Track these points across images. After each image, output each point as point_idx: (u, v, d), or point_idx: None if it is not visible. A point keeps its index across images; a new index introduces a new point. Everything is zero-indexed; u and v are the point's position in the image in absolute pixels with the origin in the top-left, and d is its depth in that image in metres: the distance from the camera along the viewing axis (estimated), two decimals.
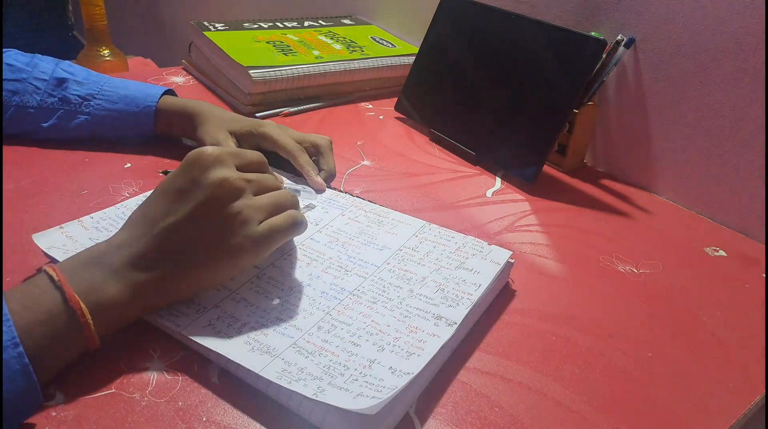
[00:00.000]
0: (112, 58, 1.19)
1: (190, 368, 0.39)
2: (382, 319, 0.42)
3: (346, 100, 0.89)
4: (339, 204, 0.57)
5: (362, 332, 0.41)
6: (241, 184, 0.41)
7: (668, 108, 0.68)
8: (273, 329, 0.40)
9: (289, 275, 0.46)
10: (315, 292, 0.44)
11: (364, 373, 0.37)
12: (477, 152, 0.73)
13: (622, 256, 0.57)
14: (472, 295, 0.44)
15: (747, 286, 0.55)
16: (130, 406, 0.36)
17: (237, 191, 0.40)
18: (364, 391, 0.35)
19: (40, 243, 0.44)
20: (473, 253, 0.49)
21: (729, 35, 0.60)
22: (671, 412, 0.40)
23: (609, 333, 0.47)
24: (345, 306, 0.43)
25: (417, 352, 0.39)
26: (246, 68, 0.79)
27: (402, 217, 0.54)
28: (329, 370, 0.37)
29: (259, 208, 0.41)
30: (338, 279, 0.46)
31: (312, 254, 0.49)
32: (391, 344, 0.40)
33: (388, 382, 0.36)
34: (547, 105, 0.68)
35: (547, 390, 0.41)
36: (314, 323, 0.41)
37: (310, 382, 0.36)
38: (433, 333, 0.40)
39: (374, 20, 1.11)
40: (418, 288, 0.45)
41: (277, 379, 0.36)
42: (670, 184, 0.70)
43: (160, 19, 2.11)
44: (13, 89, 0.63)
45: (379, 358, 0.38)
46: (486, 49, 0.76)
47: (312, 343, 0.39)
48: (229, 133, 0.62)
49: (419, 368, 0.37)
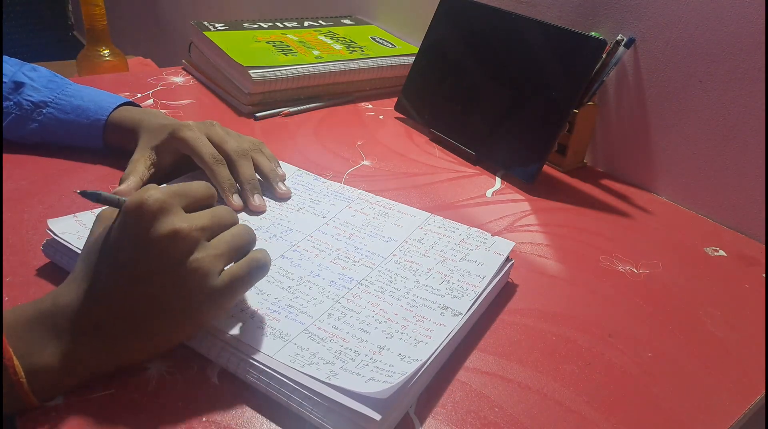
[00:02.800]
0: (112, 58, 1.19)
1: (190, 368, 0.39)
2: (390, 308, 0.43)
3: (346, 100, 0.89)
4: (345, 197, 0.58)
5: (371, 320, 0.42)
6: (195, 234, 0.36)
7: (668, 108, 0.68)
8: (285, 316, 0.42)
9: (299, 265, 0.47)
10: (324, 282, 0.45)
11: (374, 359, 0.38)
12: (477, 152, 0.73)
13: (622, 256, 0.57)
14: (477, 287, 0.45)
15: (747, 286, 0.55)
16: (130, 406, 0.36)
17: (191, 243, 0.36)
18: (375, 376, 0.36)
19: (55, 228, 0.46)
20: (477, 245, 0.50)
21: (729, 35, 0.60)
22: (671, 412, 0.40)
23: (609, 333, 0.47)
24: (354, 295, 0.44)
25: (425, 340, 0.40)
26: (246, 68, 0.79)
27: (407, 210, 0.56)
28: (341, 355, 0.38)
29: (217, 257, 0.37)
30: (346, 269, 0.47)
31: (320, 245, 0.50)
32: (400, 332, 0.41)
33: (397, 368, 0.37)
34: (547, 105, 0.68)
35: (547, 390, 0.41)
36: (324, 311, 0.42)
37: (322, 366, 0.37)
38: (439, 322, 0.42)
39: (374, 20, 1.11)
40: (423, 279, 0.46)
41: (291, 363, 0.37)
42: (670, 184, 0.70)
43: (160, 19, 2.11)
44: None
45: (388, 345, 0.39)
46: (486, 49, 0.76)
47: (323, 329, 0.41)
48: (152, 148, 0.57)
49: (427, 355, 0.38)
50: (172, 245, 0.35)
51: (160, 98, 0.83)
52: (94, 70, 1.17)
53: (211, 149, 0.55)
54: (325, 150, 0.72)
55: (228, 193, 0.54)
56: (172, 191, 0.37)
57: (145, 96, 0.83)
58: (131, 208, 0.35)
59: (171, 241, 0.35)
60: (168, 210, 0.36)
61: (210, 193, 0.40)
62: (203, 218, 0.37)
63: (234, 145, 0.57)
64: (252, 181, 0.55)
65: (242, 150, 0.57)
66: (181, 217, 0.36)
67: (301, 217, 0.54)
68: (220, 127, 0.58)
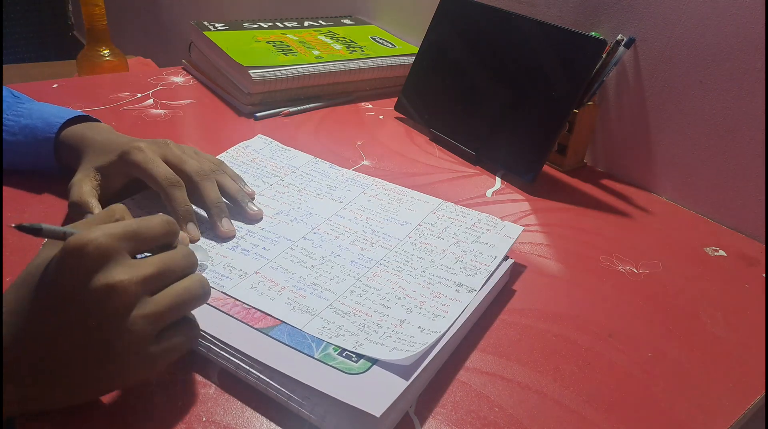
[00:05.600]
0: (112, 58, 1.19)
1: (190, 368, 0.39)
2: (408, 285, 0.46)
3: (346, 100, 0.89)
4: (360, 183, 0.60)
5: (391, 296, 0.44)
6: (134, 290, 0.32)
7: (668, 108, 0.68)
8: (310, 292, 0.44)
9: (320, 246, 0.50)
10: (345, 261, 0.48)
11: (396, 331, 0.41)
12: (477, 152, 0.73)
13: (622, 256, 0.57)
14: (489, 266, 0.48)
15: (747, 286, 0.55)
16: (130, 406, 0.36)
17: (128, 299, 0.32)
18: (398, 346, 0.39)
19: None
20: (488, 229, 0.52)
21: (729, 35, 0.60)
22: (671, 412, 0.40)
23: (609, 333, 0.47)
24: (373, 274, 0.47)
25: (442, 314, 0.42)
26: (246, 68, 0.79)
27: (419, 196, 0.58)
28: (365, 327, 0.41)
29: (156, 317, 0.33)
30: (365, 250, 0.50)
31: (339, 229, 0.53)
32: (418, 307, 0.43)
33: (418, 339, 0.40)
34: (547, 105, 0.68)
35: (547, 390, 0.41)
36: (347, 288, 0.45)
37: (348, 338, 0.40)
38: (455, 298, 0.44)
39: (374, 20, 1.11)
40: (438, 259, 0.49)
41: (319, 334, 0.40)
42: (670, 184, 0.70)
43: (160, 19, 2.11)
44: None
45: (408, 318, 0.42)
46: (486, 49, 0.76)
47: (346, 304, 0.43)
48: (95, 168, 0.52)
49: (445, 327, 0.41)
50: (107, 299, 0.32)
51: (160, 98, 0.83)
52: (94, 70, 1.17)
53: (166, 171, 0.50)
54: (325, 150, 0.72)
55: (183, 221, 0.49)
56: (120, 233, 0.33)
57: (145, 96, 0.83)
58: (70, 251, 0.32)
59: (106, 295, 0.32)
60: (109, 258, 0.32)
61: (168, 231, 0.36)
62: (150, 267, 0.34)
63: (194, 166, 0.52)
64: (219, 205, 0.51)
65: (204, 171, 0.52)
66: (122, 267, 0.33)
67: (320, 202, 0.57)
68: (175, 146, 0.53)
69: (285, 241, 0.50)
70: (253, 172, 0.62)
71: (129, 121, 0.75)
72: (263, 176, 0.61)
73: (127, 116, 0.76)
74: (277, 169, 0.62)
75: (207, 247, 0.49)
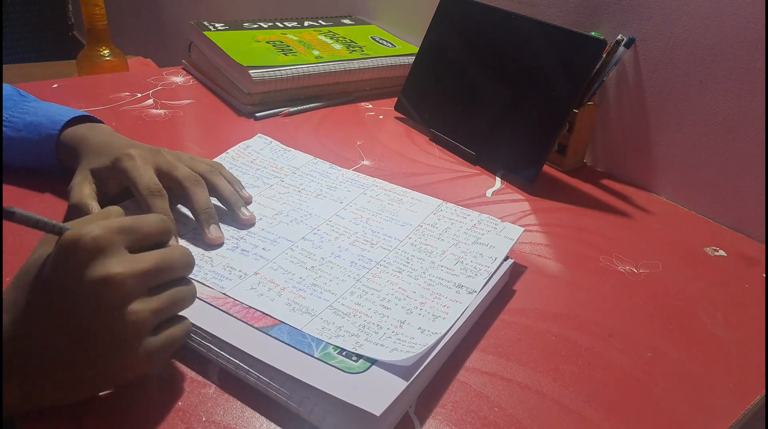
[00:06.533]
0: (112, 58, 1.19)
1: (190, 368, 0.39)
2: (408, 286, 0.46)
3: (346, 100, 0.89)
4: (360, 184, 0.60)
5: (391, 297, 0.44)
6: (130, 283, 0.32)
7: (668, 108, 0.68)
8: (310, 293, 0.44)
9: (320, 247, 0.50)
10: (345, 262, 0.48)
11: (396, 332, 0.40)
12: (477, 152, 0.73)
13: (622, 256, 0.57)
14: (489, 267, 0.47)
15: (747, 286, 0.55)
16: (130, 406, 0.36)
17: (125, 292, 0.32)
18: (398, 347, 0.39)
19: None
20: (488, 230, 0.52)
21: (729, 35, 0.60)
22: (671, 412, 0.40)
23: (609, 333, 0.47)
24: (373, 274, 0.47)
25: (442, 315, 0.42)
26: (246, 68, 0.79)
27: (420, 197, 0.58)
28: (365, 328, 0.41)
29: (153, 313, 0.33)
30: (365, 251, 0.50)
31: (339, 229, 0.53)
32: (418, 308, 0.43)
33: (418, 340, 0.39)
34: (547, 105, 0.68)
35: (546, 390, 0.41)
36: (347, 289, 0.45)
37: (348, 338, 0.40)
38: (455, 299, 0.44)
39: (374, 20, 1.11)
40: (439, 260, 0.49)
41: (319, 335, 0.40)
42: (670, 184, 0.70)
43: (160, 19, 2.11)
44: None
45: (408, 319, 0.42)
46: (486, 49, 0.76)
47: (346, 305, 0.43)
48: (91, 170, 0.52)
49: (445, 329, 0.41)
50: (103, 292, 0.32)
51: (160, 98, 0.83)
52: (94, 70, 1.17)
53: (149, 181, 0.49)
54: (325, 150, 0.72)
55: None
56: (116, 227, 0.33)
57: (145, 96, 0.83)
58: (65, 244, 0.32)
59: (102, 288, 0.31)
60: (105, 250, 0.32)
61: (163, 229, 0.36)
62: (147, 262, 0.34)
63: (184, 172, 0.51)
64: (207, 210, 0.50)
65: (193, 176, 0.51)
66: (119, 259, 0.32)
67: (320, 202, 0.57)
68: (168, 153, 0.52)
69: (285, 242, 0.50)
70: (252, 172, 0.62)
71: (129, 121, 0.75)
72: (263, 177, 0.61)
73: (127, 116, 0.76)
74: (277, 170, 0.62)
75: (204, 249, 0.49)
